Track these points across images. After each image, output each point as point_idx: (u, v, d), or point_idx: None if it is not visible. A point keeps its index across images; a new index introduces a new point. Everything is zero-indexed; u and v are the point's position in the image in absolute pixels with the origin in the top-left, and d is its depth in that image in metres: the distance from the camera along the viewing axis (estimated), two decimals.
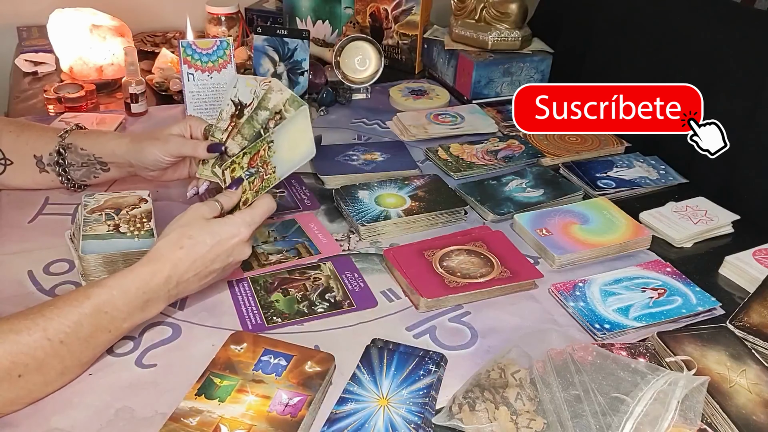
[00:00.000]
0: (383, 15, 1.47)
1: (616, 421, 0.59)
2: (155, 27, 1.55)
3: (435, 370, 0.68)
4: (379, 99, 1.34)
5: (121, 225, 0.79)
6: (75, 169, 0.90)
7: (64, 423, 0.61)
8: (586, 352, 0.67)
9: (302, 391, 0.64)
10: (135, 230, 0.79)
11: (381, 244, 0.90)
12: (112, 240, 0.77)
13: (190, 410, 0.61)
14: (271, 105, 0.81)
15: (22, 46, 1.38)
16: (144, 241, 0.77)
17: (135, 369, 0.68)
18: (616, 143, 1.18)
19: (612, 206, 0.97)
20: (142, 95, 1.18)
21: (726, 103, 1.05)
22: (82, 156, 0.89)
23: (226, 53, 1.11)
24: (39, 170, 0.90)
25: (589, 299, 0.80)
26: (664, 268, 0.86)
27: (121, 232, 0.78)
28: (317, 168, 1.05)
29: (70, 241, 0.83)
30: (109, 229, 0.78)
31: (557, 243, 0.89)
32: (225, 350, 0.68)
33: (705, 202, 1.00)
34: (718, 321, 0.79)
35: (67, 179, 0.91)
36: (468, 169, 1.08)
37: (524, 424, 0.61)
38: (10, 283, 0.78)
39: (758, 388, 0.67)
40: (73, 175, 0.91)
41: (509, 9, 1.31)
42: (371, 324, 0.76)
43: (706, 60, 1.09)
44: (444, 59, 1.39)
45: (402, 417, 0.62)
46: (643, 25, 1.24)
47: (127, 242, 0.77)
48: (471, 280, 0.81)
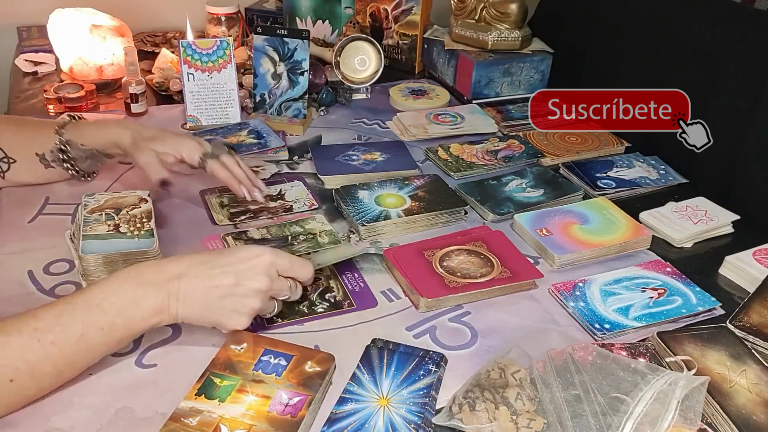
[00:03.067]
0: (383, 15, 1.47)
1: (616, 421, 0.59)
2: (155, 27, 1.55)
3: (435, 370, 0.68)
4: (379, 99, 1.34)
5: (121, 225, 0.79)
6: (80, 161, 0.91)
7: (64, 423, 0.61)
8: (586, 352, 0.67)
9: (302, 391, 0.64)
10: (135, 230, 0.79)
11: (381, 244, 0.90)
12: (112, 240, 0.77)
13: (190, 410, 0.61)
14: (307, 226, 0.90)
15: (22, 46, 1.39)
16: (144, 240, 0.77)
17: (135, 369, 0.68)
18: (616, 143, 1.18)
19: (612, 206, 0.97)
20: (142, 95, 1.18)
21: (726, 103, 1.05)
22: (84, 150, 0.89)
23: (226, 53, 1.11)
24: (44, 167, 0.91)
25: (589, 299, 0.80)
26: (664, 268, 0.86)
27: (121, 232, 0.78)
28: (317, 168, 1.05)
29: (70, 241, 0.83)
30: (109, 229, 0.78)
31: (557, 243, 0.89)
32: (225, 350, 0.68)
33: (705, 202, 1.00)
34: (718, 321, 0.79)
35: (76, 171, 0.92)
36: (468, 169, 1.08)
37: (524, 424, 0.61)
38: (10, 283, 0.78)
39: (758, 388, 0.67)
40: (81, 167, 0.92)
41: (509, 9, 1.31)
42: (371, 324, 0.76)
43: (706, 60, 1.09)
44: (444, 59, 1.39)
45: (402, 417, 0.62)
46: (643, 24, 1.24)
47: (127, 242, 0.77)
48: (471, 280, 0.81)
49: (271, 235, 0.89)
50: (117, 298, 0.62)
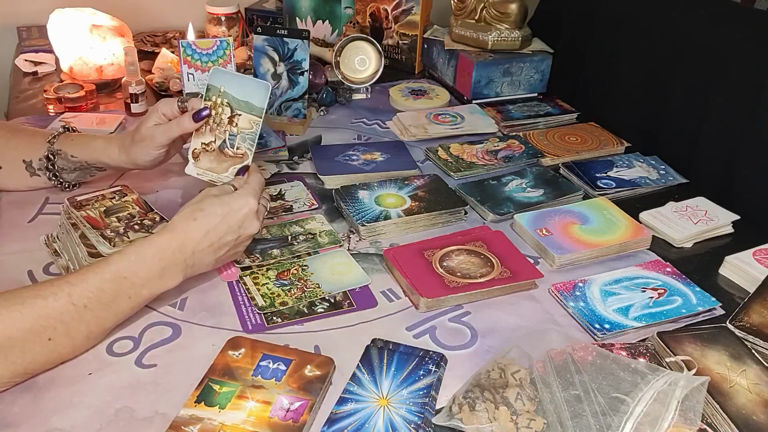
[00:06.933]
0: (383, 15, 1.47)
1: (616, 421, 0.59)
2: (155, 27, 1.56)
3: (435, 370, 0.68)
4: (379, 99, 1.34)
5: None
6: (67, 172, 0.91)
7: (64, 423, 0.61)
8: (586, 352, 0.67)
9: (303, 395, 0.63)
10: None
11: (381, 244, 0.90)
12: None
13: (190, 418, 0.61)
14: (307, 226, 0.90)
15: (22, 46, 1.39)
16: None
17: (135, 369, 0.68)
18: (616, 143, 1.18)
19: (612, 206, 0.97)
20: (142, 95, 1.18)
21: (726, 103, 1.05)
22: (74, 162, 0.90)
23: (226, 53, 1.11)
24: (29, 174, 0.91)
25: (589, 299, 0.80)
26: (664, 268, 0.86)
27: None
28: (317, 168, 1.05)
29: (45, 245, 0.83)
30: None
31: (557, 243, 0.89)
32: (223, 356, 0.68)
33: (705, 202, 1.00)
34: (718, 321, 0.79)
35: (60, 182, 0.92)
36: (468, 169, 1.08)
37: (524, 424, 0.61)
38: (10, 283, 0.77)
39: (758, 388, 0.67)
40: (66, 177, 0.92)
41: (509, 9, 1.31)
42: (371, 324, 0.76)
43: (706, 60, 1.09)
44: (444, 59, 1.39)
45: (402, 417, 0.62)
46: (643, 25, 1.24)
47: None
48: (471, 280, 0.81)
49: (271, 234, 0.89)
50: (143, 272, 0.69)
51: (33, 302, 0.63)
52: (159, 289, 0.71)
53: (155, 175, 0.99)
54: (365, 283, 0.82)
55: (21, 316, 0.62)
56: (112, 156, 0.88)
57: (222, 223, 0.73)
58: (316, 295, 0.79)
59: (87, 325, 0.66)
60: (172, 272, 0.71)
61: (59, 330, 0.64)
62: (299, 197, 0.99)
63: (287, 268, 0.83)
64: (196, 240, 0.72)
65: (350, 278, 0.82)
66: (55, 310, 0.64)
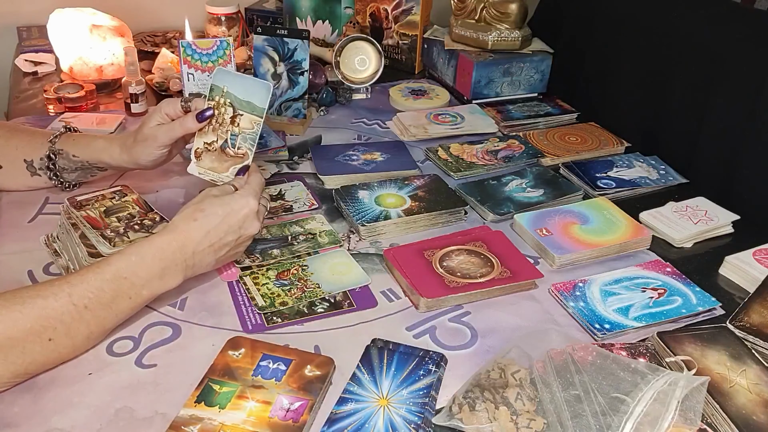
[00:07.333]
0: (383, 15, 1.47)
1: (616, 421, 0.59)
2: (155, 27, 1.55)
3: (435, 370, 0.68)
4: (379, 99, 1.34)
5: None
6: (68, 172, 0.91)
7: (64, 423, 0.61)
8: (586, 352, 0.67)
9: (303, 395, 0.63)
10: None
11: (381, 244, 0.90)
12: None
13: (190, 418, 0.61)
14: (307, 226, 0.90)
15: (22, 46, 1.38)
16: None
17: (135, 369, 0.68)
18: (616, 143, 1.18)
19: (612, 206, 0.97)
20: (142, 95, 1.18)
21: (726, 103, 1.05)
22: (75, 162, 0.90)
23: (226, 53, 1.11)
24: (30, 174, 0.91)
25: (589, 299, 0.80)
26: (664, 268, 0.86)
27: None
28: (317, 168, 1.05)
29: (45, 245, 0.83)
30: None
31: (557, 243, 0.89)
32: (223, 356, 0.68)
33: (705, 202, 1.00)
34: (718, 321, 0.79)
35: (60, 182, 0.92)
36: (468, 169, 1.08)
37: (524, 424, 0.61)
38: (10, 283, 0.77)
39: (758, 388, 0.67)
40: (66, 177, 0.92)
41: (509, 9, 1.31)
42: (371, 324, 0.76)
43: (706, 60, 1.09)
44: (444, 59, 1.39)
45: (402, 417, 0.62)
46: (643, 25, 1.24)
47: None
48: (471, 280, 0.81)
49: (271, 234, 0.89)
50: (143, 273, 0.69)
51: (33, 302, 0.63)
52: (159, 289, 0.71)
53: (155, 175, 0.99)
54: (365, 283, 0.82)
55: (21, 316, 0.62)
56: (114, 156, 0.88)
57: (222, 223, 0.73)
58: (316, 295, 0.79)
59: (87, 325, 0.66)
60: (172, 272, 0.71)
61: (59, 330, 0.64)
62: (299, 197, 0.99)
63: (287, 268, 0.83)
64: (196, 240, 0.72)
65: (350, 278, 0.82)
66: (56, 310, 0.64)
